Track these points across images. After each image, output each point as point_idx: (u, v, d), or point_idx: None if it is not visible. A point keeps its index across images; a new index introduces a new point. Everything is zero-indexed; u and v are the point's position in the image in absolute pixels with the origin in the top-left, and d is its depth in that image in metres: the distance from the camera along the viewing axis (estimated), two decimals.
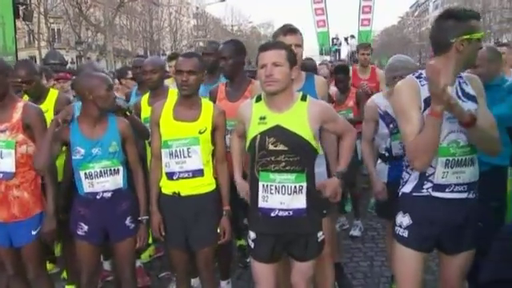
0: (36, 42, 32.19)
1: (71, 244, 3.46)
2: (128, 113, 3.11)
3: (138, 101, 3.74)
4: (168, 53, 44.61)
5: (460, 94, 2.29)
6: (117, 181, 2.80)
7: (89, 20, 32.26)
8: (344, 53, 32.98)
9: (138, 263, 3.83)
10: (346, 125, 2.65)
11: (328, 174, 2.97)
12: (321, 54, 27.14)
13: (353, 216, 5.09)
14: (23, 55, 26.01)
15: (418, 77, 2.32)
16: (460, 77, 2.33)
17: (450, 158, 2.26)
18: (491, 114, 2.35)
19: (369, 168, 3.45)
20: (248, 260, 4.04)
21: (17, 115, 2.80)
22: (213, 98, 3.38)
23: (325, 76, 5.28)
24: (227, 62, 3.39)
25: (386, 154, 3.39)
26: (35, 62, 4.42)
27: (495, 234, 2.60)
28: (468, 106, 2.24)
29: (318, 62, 8.96)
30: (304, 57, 3.93)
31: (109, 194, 2.80)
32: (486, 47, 3.32)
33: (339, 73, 5.05)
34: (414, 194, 2.35)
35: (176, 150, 2.75)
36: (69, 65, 8.71)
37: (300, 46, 2.88)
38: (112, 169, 2.78)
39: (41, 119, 2.87)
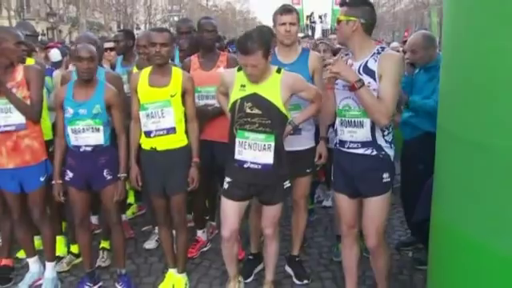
0: (2, 11, 31.43)
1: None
2: None
3: (126, 71, 4.12)
4: (142, 27, 44.15)
5: (361, 68, 2.70)
6: (97, 138, 3.21)
7: None
8: (318, 31, 33.38)
9: (124, 218, 4.28)
10: (316, 93, 3.07)
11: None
12: None
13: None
14: None
15: (346, 54, 2.89)
16: (377, 53, 2.70)
17: (343, 119, 2.79)
18: (389, 91, 2.63)
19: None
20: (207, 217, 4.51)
21: (18, 75, 3.21)
22: (186, 69, 3.75)
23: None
24: (211, 35, 3.81)
25: None
26: None
27: (423, 187, 3.13)
28: (364, 78, 2.64)
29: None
30: None
31: (89, 149, 3.22)
32: (422, 35, 3.77)
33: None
34: (335, 147, 2.93)
35: (152, 112, 3.19)
36: (40, 37, 8.55)
37: (294, 24, 3.34)
38: (94, 127, 3.19)
39: (36, 77, 3.26)
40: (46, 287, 3.41)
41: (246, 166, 2.95)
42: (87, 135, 3.19)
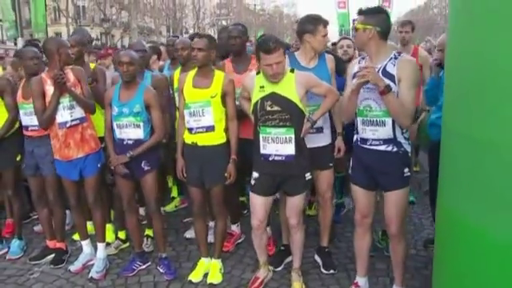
0: (61, 18, 33.22)
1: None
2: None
3: (171, 74, 4.46)
4: (191, 31, 45.29)
5: (380, 72, 2.88)
6: (137, 133, 3.59)
7: None
8: None
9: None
10: (328, 88, 3.36)
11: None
12: (340, 35, 27.36)
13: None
14: (49, 32, 26.89)
15: (363, 58, 3.10)
16: (394, 58, 2.91)
17: (365, 119, 3.00)
18: (409, 95, 2.86)
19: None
20: (245, 212, 4.86)
21: (71, 76, 3.68)
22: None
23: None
24: (236, 41, 4.11)
25: None
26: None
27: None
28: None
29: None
30: None
31: (131, 142, 3.60)
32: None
33: None
34: (356, 144, 3.14)
35: (194, 111, 3.50)
36: (94, 42, 9.11)
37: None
38: (135, 124, 3.57)
39: (83, 75, 3.77)
40: (97, 265, 3.82)
41: (270, 158, 3.25)
42: (129, 130, 3.59)
